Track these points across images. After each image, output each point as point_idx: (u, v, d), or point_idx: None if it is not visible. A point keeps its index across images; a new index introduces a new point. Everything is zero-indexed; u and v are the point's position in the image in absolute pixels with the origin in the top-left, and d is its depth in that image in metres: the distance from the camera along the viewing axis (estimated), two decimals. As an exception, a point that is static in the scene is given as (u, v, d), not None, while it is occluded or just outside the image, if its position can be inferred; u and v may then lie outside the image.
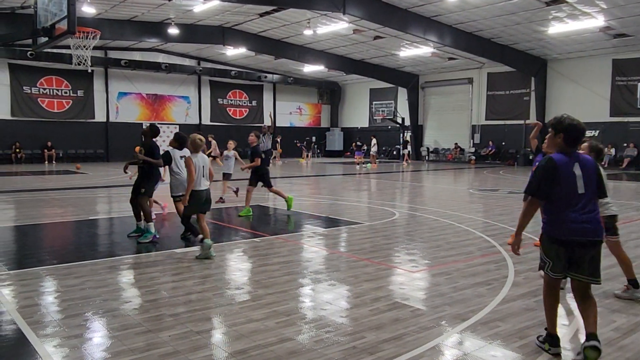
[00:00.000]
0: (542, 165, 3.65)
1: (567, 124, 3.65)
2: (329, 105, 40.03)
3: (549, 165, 3.63)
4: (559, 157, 3.65)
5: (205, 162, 6.89)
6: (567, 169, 3.60)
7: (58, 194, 13.76)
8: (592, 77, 25.62)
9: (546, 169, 3.63)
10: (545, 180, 3.63)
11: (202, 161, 6.83)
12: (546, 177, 3.63)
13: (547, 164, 3.64)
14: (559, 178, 3.60)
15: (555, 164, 3.61)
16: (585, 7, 18.67)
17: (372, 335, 4.13)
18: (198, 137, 6.89)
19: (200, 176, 6.76)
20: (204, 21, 24.50)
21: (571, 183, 3.60)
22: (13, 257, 6.96)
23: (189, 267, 6.29)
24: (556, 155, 3.68)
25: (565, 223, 3.59)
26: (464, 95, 31.33)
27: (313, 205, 12.13)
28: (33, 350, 3.84)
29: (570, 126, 3.65)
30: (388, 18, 20.83)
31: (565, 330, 4.29)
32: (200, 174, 6.76)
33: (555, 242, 3.64)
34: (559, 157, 3.65)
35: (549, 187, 3.63)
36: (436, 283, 5.66)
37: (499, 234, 8.42)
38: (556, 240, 3.64)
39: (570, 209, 3.59)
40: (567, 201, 3.60)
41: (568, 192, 3.60)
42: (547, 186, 3.63)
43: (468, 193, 15.02)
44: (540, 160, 3.73)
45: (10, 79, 26.88)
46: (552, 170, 3.61)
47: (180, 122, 32.08)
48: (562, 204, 3.61)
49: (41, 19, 9.95)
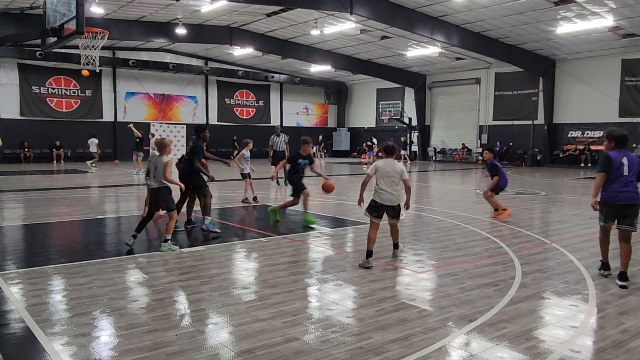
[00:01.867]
0: (603, 156, 5.68)
1: (616, 135, 5.70)
2: (335, 105, 40.01)
3: (606, 158, 5.65)
4: (613, 153, 5.68)
5: (157, 164, 7.26)
6: (617, 160, 5.61)
7: (66, 193, 13.84)
8: (600, 77, 25.43)
9: (606, 158, 5.66)
10: (606, 165, 5.67)
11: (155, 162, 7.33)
12: (606, 163, 5.67)
13: (605, 157, 5.66)
14: (611, 165, 5.62)
15: (609, 157, 5.64)
16: (594, 6, 18.55)
17: (379, 335, 4.12)
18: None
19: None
20: (211, 21, 24.56)
21: (619, 168, 5.59)
22: (22, 255, 7.01)
23: (196, 267, 6.31)
24: (611, 152, 5.69)
25: (614, 192, 5.61)
26: (471, 95, 31.21)
27: (320, 205, 12.13)
28: (41, 348, 3.86)
29: (619, 136, 5.71)
30: (395, 18, 20.79)
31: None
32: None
33: (607, 205, 5.67)
34: (612, 153, 5.68)
35: (607, 169, 5.66)
36: (443, 284, 5.64)
37: (506, 234, 8.38)
38: (608, 203, 5.66)
39: (618, 183, 5.60)
40: (615, 179, 5.60)
41: (617, 174, 5.59)
42: (605, 169, 5.66)
43: (475, 194, 14.95)
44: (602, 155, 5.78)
45: (20, 78, 27.08)
46: (608, 160, 5.62)
47: (188, 122, 32.15)
48: (613, 181, 5.62)
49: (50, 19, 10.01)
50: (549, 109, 27.13)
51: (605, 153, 5.73)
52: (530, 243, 7.79)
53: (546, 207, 12.05)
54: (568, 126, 26.94)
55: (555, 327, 4.36)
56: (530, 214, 11.05)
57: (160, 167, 7.19)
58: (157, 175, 7.22)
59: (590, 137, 26.22)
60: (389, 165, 6.50)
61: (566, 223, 9.70)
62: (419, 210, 11.06)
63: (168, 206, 7.26)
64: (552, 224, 9.92)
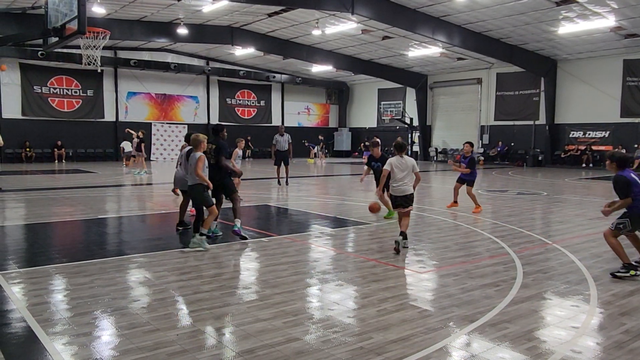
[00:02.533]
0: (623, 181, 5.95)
1: (617, 157, 6.07)
2: (337, 106, 40.01)
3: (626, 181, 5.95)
4: (626, 173, 5.99)
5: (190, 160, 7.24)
6: (633, 179, 5.96)
7: (68, 193, 13.86)
8: (602, 77, 25.40)
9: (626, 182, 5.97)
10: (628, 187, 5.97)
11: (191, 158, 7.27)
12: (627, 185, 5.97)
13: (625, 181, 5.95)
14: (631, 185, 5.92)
15: (628, 180, 5.92)
16: (596, 7, 18.52)
17: (380, 335, 4.12)
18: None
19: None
20: (212, 21, 24.58)
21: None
22: (23, 255, 7.02)
23: (197, 267, 6.32)
24: (624, 173, 5.98)
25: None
26: (472, 95, 31.19)
27: (321, 205, 12.13)
28: (42, 347, 3.87)
29: (620, 159, 6.07)
30: (396, 18, 20.77)
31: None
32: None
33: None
34: (626, 174, 5.98)
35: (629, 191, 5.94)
36: (444, 284, 5.64)
37: (508, 235, 8.38)
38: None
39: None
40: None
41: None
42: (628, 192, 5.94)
43: (476, 194, 14.92)
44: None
45: (21, 78, 27.11)
46: (628, 183, 5.93)
47: (189, 122, 32.19)
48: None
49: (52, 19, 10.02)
50: (550, 109, 27.10)
51: (621, 176, 5.97)
52: (532, 243, 7.78)
53: (548, 208, 12.04)
54: (570, 126, 26.91)
55: (556, 328, 4.36)
56: (532, 215, 11.04)
57: (193, 163, 7.10)
58: (192, 172, 7.15)
59: (592, 138, 26.19)
60: (400, 161, 7.30)
61: (568, 223, 9.69)
62: (420, 211, 11.05)
63: (205, 202, 7.23)
64: (553, 225, 9.91)
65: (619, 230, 5.96)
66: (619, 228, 5.96)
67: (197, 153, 7.13)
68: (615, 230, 5.99)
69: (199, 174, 7.04)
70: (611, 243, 6.00)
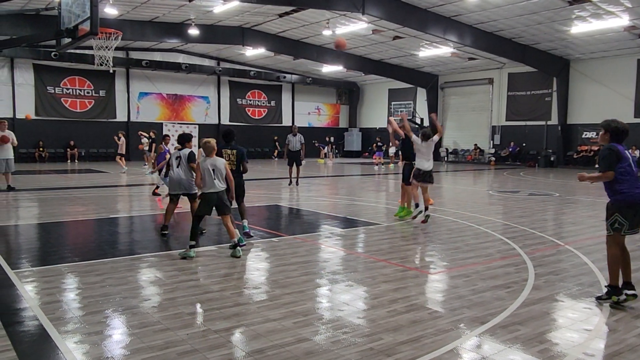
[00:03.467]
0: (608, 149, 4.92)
1: (614, 127, 4.91)
2: (347, 106, 39.97)
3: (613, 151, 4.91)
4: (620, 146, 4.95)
5: (215, 165, 6.80)
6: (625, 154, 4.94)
7: (80, 193, 13.98)
8: (616, 77, 25.12)
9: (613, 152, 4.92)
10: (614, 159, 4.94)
11: (211, 164, 6.77)
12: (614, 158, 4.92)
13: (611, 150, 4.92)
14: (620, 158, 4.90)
15: (617, 147, 4.89)
16: (610, 6, 18.32)
17: (390, 337, 4.11)
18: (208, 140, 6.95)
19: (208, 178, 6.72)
20: (223, 22, 24.67)
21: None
22: (36, 254, 7.10)
23: (208, 266, 6.34)
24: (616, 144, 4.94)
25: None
26: (484, 95, 31.00)
27: (331, 206, 12.13)
28: (54, 346, 3.90)
29: (616, 129, 4.92)
30: (407, 18, 20.71)
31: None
32: (208, 176, 6.72)
33: (632, 206, 4.86)
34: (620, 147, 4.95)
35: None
36: (454, 285, 5.61)
37: (519, 236, 8.31)
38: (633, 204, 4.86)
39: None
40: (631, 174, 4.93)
41: (631, 170, 4.90)
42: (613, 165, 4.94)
43: (487, 194, 14.86)
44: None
45: (35, 79, 27.40)
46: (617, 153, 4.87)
47: (200, 122, 32.33)
48: (630, 176, 4.91)
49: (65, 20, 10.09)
50: (562, 109, 26.86)
51: (612, 145, 4.89)
52: (544, 245, 7.71)
53: (560, 209, 11.93)
54: (582, 127, 26.64)
55: (568, 330, 4.32)
56: (544, 215, 10.94)
57: (222, 168, 6.83)
58: (220, 177, 6.81)
59: (605, 138, 25.87)
60: (427, 145, 9.38)
61: (580, 225, 9.60)
62: (430, 211, 10.99)
63: (229, 209, 6.98)
64: (565, 226, 9.81)
65: (619, 232, 4.86)
66: (617, 230, 4.87)
67: (220, 159, 6.90)
68: (616, 233, 4.88)
69: (231, 179, 6.91)
70: (611, 252, 4.94)
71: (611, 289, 4.90)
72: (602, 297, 4.96)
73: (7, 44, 13.46)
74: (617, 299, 4.80)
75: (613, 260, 4.92)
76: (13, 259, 6.62)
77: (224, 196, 6.89)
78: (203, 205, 6.83)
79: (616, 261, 4.90)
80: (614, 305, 4.81)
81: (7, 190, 13.86)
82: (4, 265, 6.21)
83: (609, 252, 4.96)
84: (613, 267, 4.91)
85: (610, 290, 4.90)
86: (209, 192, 6.77)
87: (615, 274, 4.90)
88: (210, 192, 6.77)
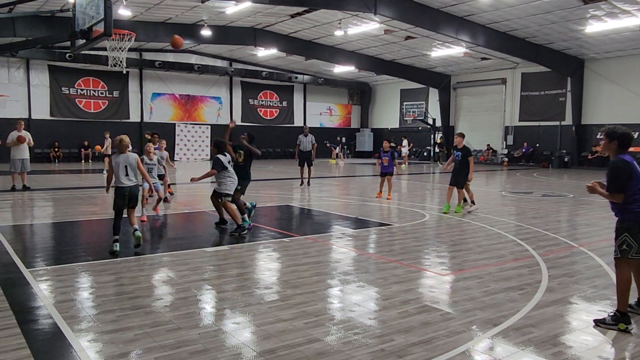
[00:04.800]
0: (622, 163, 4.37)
1: (620, 134, 4.40)
2: (359, 106, 39.92)
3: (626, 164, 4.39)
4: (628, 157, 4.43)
5: (128, 161, 7.03)
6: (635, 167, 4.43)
7: (94, 192, 14.12)
8: (632, 77, 24.79)
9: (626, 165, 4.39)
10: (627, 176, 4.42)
11: (124, 160, 7.02)
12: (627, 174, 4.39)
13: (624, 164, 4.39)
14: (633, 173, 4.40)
15: (628, 163, 4.37)
16: (626, 4, 18.09)
17: (401, 338, 4.09)
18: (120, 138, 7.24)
19: (120, 174, 6.98)
20: (236, 23, 24.76)
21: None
22: (50, 253, 7.18)
23: (219, 266, 6.37)
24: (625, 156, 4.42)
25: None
26: (497, 95, 30.77)
27: (342, 206, 12.11)
28: (68, 344, 3.94)
29: (624, 136, 4.41)
30: (419, 18, 20.63)
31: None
32: (120, 172, 6.98)
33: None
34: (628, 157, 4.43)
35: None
36: (467, 287, 5.57)
37: (533, 237, 8.23)
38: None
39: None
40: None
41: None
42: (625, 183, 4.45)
43: (500, 195, 14.74)
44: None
45: (50, 80, 27.74)
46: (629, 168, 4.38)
47: (212, 122, 32.50)
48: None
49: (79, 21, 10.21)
50: (577, 109, 26.57)
51: (622, 160, 4.35)
52: (558, 246, 7.63)
53: (574, 210, 11.80)
54: (597, 127, 26.30)
55: (583, 333, 4.26)
56: (558, 217, 10.83)
57: (133, 164, 7.23)
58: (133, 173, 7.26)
59: (620, 139, 25.56)
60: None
61: (594, 226, 9.48)
62: (442, 212, 10.94)
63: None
64: (579, 227, 9.71)
65: (627, 254, 4.31)
66: (625, 252, 4.32)
67: (132, 155, 7.20)
68: (623, 256, 4.35)
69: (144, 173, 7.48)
70: (620, 276, 4.40)
71: (620, 315, 4.32)
72: (606, 322, 4.34)
73: (22, 45, 13.67)
74: (625, 327, 4.23)
75: (623, 285, 4.37)
76: (28, 258, 6.71)
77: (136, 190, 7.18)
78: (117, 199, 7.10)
79: (627, 286, 4.37)
80: (619, 331, 4.25)
81: (23, 190, 14.05)
82: (19, 264, 6.29)
83: (618, 276, 4.43)
84: (623, 292, 4.36)
85: (619, 316, 4.32)
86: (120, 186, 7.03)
87: (625, 299, 4.35)
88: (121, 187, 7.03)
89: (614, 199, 4.36)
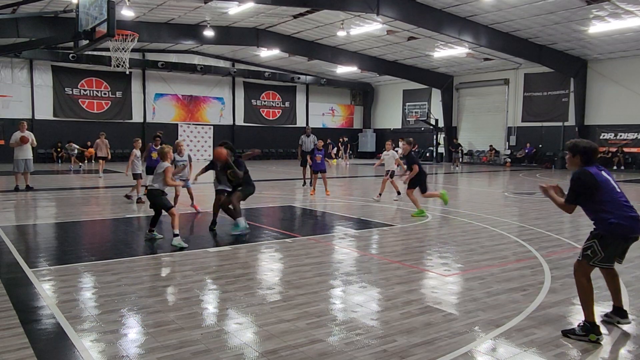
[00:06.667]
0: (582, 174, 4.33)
1: (582, 148, 4.34)
2: (361, 107, 39.93)
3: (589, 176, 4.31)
4: (592, 169, 4.32)
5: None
6: (601, 177, 4.31)
7: (97, 193, 14.15)
8: (635, 77, 24.75)
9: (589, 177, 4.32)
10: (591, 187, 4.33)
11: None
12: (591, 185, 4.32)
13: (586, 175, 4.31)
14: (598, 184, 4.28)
15: (592, 174, 4.28)
16: (629, 5, 18.06)
17: (403, 339, 4.09)
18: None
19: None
20: (238, 23, 24.80)
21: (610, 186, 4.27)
22: (53, 253, 7.19)
23: (222, 266, 6.37)
24: (589, 168, 4.33)
25: (629, 219, 4.21)
26: (499, 96, 30.75)
27: (345, 207, 12.11)
28: (71, 344, 3.95)
29: (587, 150, 4.33)
30: (422, 18, 20.63)
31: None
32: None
33: (620, 237, 4.19)
34: (592, 169, 4.32)
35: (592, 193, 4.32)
36: (469, 287, 5.56)
37: (535, 238, 8.22)
38: (621, 235, 4.19)
39: (623, 206, 4.26)
40: (614, 200, 4.27)
41: (614, 194, 4.28)
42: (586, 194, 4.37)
43: (503, 196, 14.72)
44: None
45: (53, 80, 27.84)
46: (592, 179, 4.27)
47: (215, 123, 32.55)
48: (614, 202, 4.26)
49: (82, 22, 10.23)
50: (580, 110, 26.53)
51: (586, 171, 4.24)
52: (560, 247, 7.62)
53: (577, 211, 11.75)
54: (600, 128, 26.30)
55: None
56: (560, 218, 10.81)
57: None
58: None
59: (623, 139, 25.55)
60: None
61: (598, 227, 9.44)
62: (445, 213, 10.93)
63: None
64: (582, 228, 9.67)
65: (589, 260, 4.16)
66: (587, 257, 4.17)
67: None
68: (584, 261, 4.19)
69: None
70: (579, 283, 4.21)
71: (589, 325, 4.06)
72: (576, 333, 4.09)
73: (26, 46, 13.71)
74: (596, 339, 3.99)
75: (583, 293, 4.18)
76: (31, 258, 6.72)
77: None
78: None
79: (586, 293, 4.16)
80: (590, 342, 4.01)
81: (26, 190, 14.09)
82: (23, 264, 6.31)
83: (577, 283, 4.23)
84: (587, 301, 4.15)
85: (589, 327, 4.06)
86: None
87: (590, 308, 4.11)
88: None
89: (564, 209, 4.38)
